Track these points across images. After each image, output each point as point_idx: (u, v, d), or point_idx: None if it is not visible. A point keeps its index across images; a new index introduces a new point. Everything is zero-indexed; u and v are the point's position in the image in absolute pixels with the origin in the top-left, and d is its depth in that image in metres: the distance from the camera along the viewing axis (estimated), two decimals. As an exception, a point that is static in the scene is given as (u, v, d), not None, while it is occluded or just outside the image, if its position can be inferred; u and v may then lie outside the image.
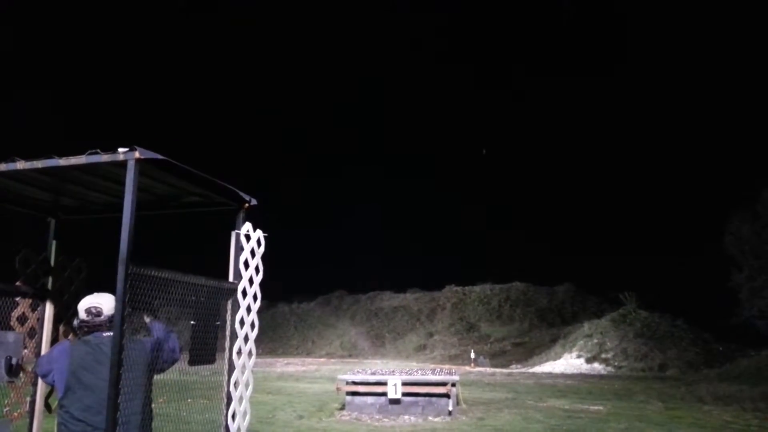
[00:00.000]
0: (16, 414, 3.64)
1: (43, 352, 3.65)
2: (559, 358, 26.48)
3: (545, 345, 30.77)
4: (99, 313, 2.85)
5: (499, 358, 30.65)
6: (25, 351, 3.55)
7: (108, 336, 2.80)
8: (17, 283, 3.57)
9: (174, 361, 3.08)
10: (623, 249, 49.77)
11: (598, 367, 24.71)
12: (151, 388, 2.93)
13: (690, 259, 35.28)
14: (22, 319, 3.60)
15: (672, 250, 41.87)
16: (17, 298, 3.59)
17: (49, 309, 3.75)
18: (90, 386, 2.69)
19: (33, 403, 3.70)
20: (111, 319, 2.84)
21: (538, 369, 25.65)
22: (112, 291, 2.64)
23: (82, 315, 2.87)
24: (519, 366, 27.88)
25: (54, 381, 2.79)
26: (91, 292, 3.04)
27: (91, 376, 2.70)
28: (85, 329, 2.84)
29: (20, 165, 2.89)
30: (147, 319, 2.98)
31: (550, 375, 22.93)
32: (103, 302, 2.89)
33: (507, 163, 69.36)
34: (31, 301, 3.66)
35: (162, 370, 3.02)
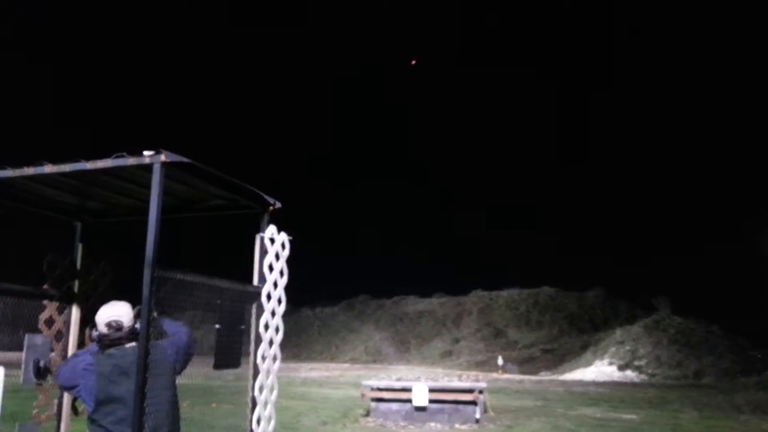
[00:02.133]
0: (44, 416, 3.67)
1: (69, 354, 3.67)
2: (590, 365, 26.03)
3: (575, 352, 30.30)
4: (120, 327, 2.82)
5: (527, 364, 30.27)
6: (53, 354, 3.58)
7: (130, 347, 2.81)
8: (44, 287, 3.60)
9: (191, 356, 3.04)
10: (656, 253, 48.79)
11: (630, 374, 24.21)
12: (176, 390, 2.91)
13: (726, 263, 34.37)
14: (49, 322, 3.63)
15: (707, 254, 40.82)
16: (44, 301, 3.63)
17: (75, 312, 3.78)
18: (120, 399, 2.70)
19: (60, 405, 3.73)
20: (131, 330, 2.84)
21: (568, 376, 25.23)
22: (138, 294, 2.63)
23: (102, 329, 2.84)
24: (548, 373, 27.48)
25: (81, 395, 2.79)
26: (116, 296, 3.04)
27: (120, 389, 2.71)
28: (107, 342, 2.82)
29: (48, 169, 2.91)
30: (159, 319, 2.92)
31: (580, 382, 22.53)
32: (122, 314, 2.86)
33: (535, 166, 68.63)
34: (57, 304, 3.69)
35: (183, 369, 2.99)
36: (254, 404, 3.38)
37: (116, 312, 2.87)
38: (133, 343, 2.81)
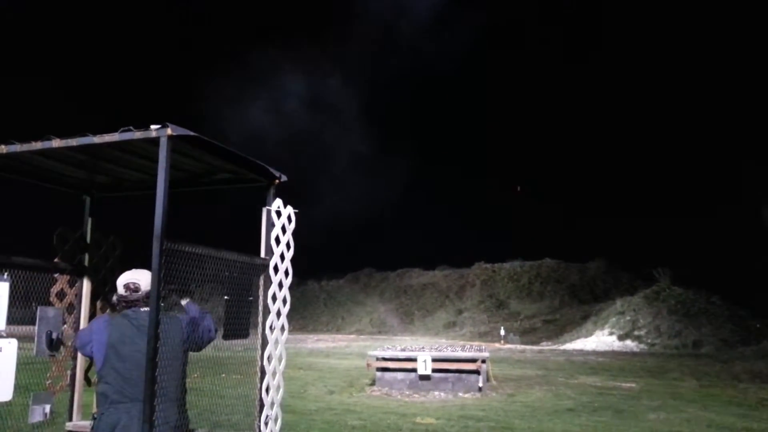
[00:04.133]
0: (57, 387, 3.74)
1: (81, 327, 3.74)
2: (591, 335, 26.26)
3: (576, 322, 30.52)
4: (137, 289, 2.92)
5: (529, 335, 30.55)
6: (65, 326, 3.63)
7: (145, 311, 2.87)
8: (55, 260, 3.65)
9: (210, 340, 3.12)
10: (657, 225, 48.74)
11: (630, 344, 24.44)
12: (186, 363, 2.98)
13: (727, 233, 34.38)
14: (60, 295, 3.68)
15: (708, 225, 40.79)
16: (56, 275, 3.67)
17: (86, 285, 3.83)
18: (128, 358, 2.76)
19: (73, 376, 3.80)
20: (148, 294, 2.90)
21: (569, 346, 25.49)
22: (147, 267, 2.68)
23: (121, 290, 2.95)
24: (549, 343, 27.75)
25: (92, 352, 2.86)
26: (126, 269, 3.09)
27: (129, 349, 2.78)
28: (123, 304, 2.92)
29: (56, 143, 2.92)
30: (183, 302, 3.06)
31: (581, 352, 22.78)
32: (141, 278, 2.96)
33: (536, 138, 68.17)
34: (69, 277, 3.74)
35: (199, 348, 3.05)
36: (263, 374, 3.45)
37: (136, 276, 2.97)
38: (149, 308, 2.89)
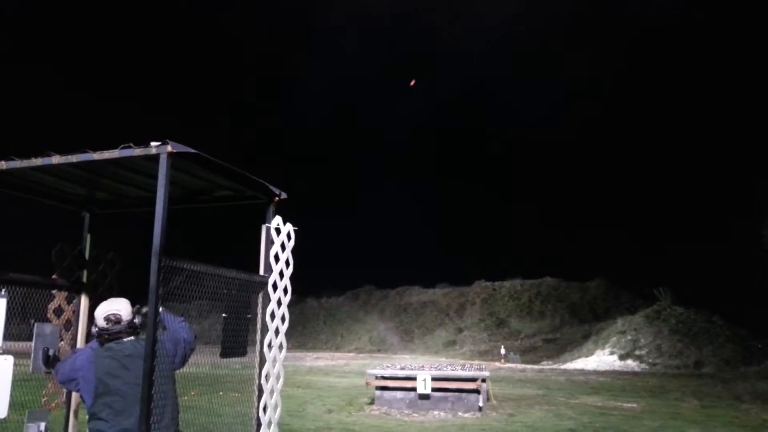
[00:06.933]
0: (53, 404, 3.72)
1: (78, 345, 3.72)
2: (592, 354, 26.09)
3: (577, 341, 30.33)
4: (118, 320, 2.88)
5: (529, 354, 30.34)
6: (62, 342, 3.62)
7: (129, 341, 2.87)
8: (53, 276, 3.64)
9: (191, 351, 3.06)
10: (658, 243, 48.62)
11: (631, 364, 24.26)
12: (175, 384, 2.94)
13: (728, 253, 34.30)
14: (58, 312, 3.67)
15: (709, 244, 40.70)
16: (54, 291, 3.67)
17: (84, 302, 3.82)
18: (119, 392, 2.73)
19: (69, 394, 3.77)
20: (130, 324, 2.89)
21: (570, 365, 25.30)
22: (145, 284, 2.65)
23: (101, 323, 2.88)
24: (550, 362, 27.56)
25: (80, 389, 2.82)
26: (124, 285, 3.09)
27: (119, 382, 2.75)
28: (106, 337, 2.86)
29: (56, 159, 2.94)
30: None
31: (582, 372, 22.61)
32: (121, 308, 2.92)
33: (535, 155, 68.37)
34: (66, 293, 3.74)
35: (183, 364, 3.01)
36: (261, 392, 3.43)
37: (114, 306, 2.92)
38: (132, 337, 2.87)
